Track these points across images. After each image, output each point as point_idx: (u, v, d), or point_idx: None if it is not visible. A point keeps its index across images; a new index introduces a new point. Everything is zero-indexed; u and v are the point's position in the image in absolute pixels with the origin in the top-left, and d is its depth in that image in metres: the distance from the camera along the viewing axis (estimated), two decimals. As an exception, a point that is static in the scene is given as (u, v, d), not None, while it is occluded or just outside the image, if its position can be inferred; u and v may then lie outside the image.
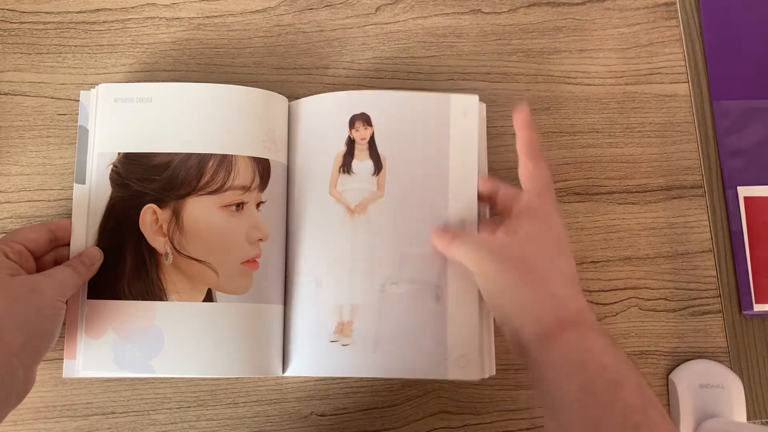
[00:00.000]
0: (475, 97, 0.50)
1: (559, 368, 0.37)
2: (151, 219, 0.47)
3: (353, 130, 0.50)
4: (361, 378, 0.51)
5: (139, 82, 0.53)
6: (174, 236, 0.47)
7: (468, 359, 0.46)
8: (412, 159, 0.49)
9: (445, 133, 0.49)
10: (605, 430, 0.34)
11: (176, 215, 0.47)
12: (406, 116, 0.50)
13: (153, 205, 0.47)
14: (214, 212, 0.47)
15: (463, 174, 0.49)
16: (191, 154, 0.48)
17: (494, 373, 0.47)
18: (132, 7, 0.55)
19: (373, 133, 0.49)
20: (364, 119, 0.50)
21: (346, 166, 0.49)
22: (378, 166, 0.49)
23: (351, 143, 0.49)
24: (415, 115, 0.50)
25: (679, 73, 0.57)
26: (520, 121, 0.46)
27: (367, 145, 0.49)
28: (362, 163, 0.49)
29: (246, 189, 0.47)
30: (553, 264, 0.41)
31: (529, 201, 0.43)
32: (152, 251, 0.47)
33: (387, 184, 0.49)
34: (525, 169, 0.45)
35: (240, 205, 0.47)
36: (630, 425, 0.34)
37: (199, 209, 0.47)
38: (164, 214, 0.47)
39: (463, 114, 0.50)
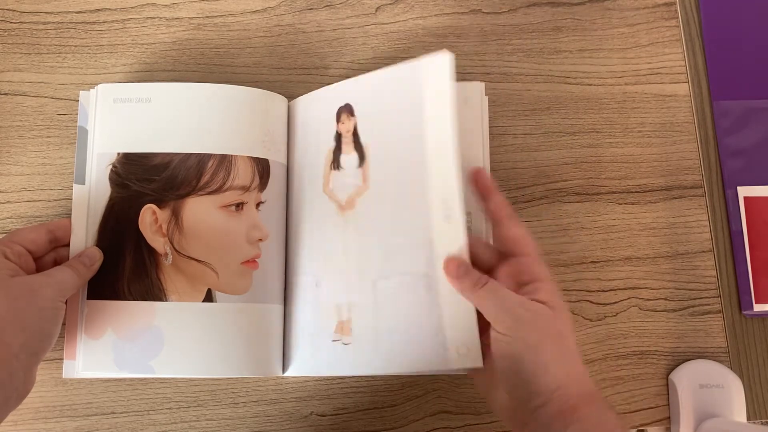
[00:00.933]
0: (447, 57, 0.44)
1: None
2: (150, 219, 0.47)
3: (339, 124, 0.49)
4: (361, 378, 0.51)
5: (139, 82, 0.53)
6: (173, 236, 0.47)
7: (468, 347, 0.42)
8: (389, 142, 0.46)
9: (417, 106, 0.45)
10: None
11: (176, 215, 0.47)
12: (381, 97, 0.47)
13: (152, 206, 0.47)
14: (214, 212, 0.47)
15: (441, 149, 0.44)
16: (190, 154, 0.48)
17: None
18: (132, 7, 0.55)
19: (356, 124, 0.48)
20: (348, 110, 0.49)
21: (336, 161, 0.48)
22: (362, 158, 0.48)
23: (339, 137, 0.49)
24: (389, 94, 0.47)
25: (679, 73, 0.57)
26: (484, 185, 0.44)
27: (351, 137, 0.48)
28: (348, 156, 0.48)
29: (245, 189, 0.47)
30: (574, 342, 0.41)
31: (542, 272, 0.42)
32: (152, 251, 0.47)
33: (370, 174, 0.47)
34: (512, 233, 0.43)
35: (240, 205, 0.47)
36: None
37: (198, 209, 0.47)
38: (164, 215, 0.47)
39: (435, 78, 0.45)
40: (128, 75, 0.54)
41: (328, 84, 0.55)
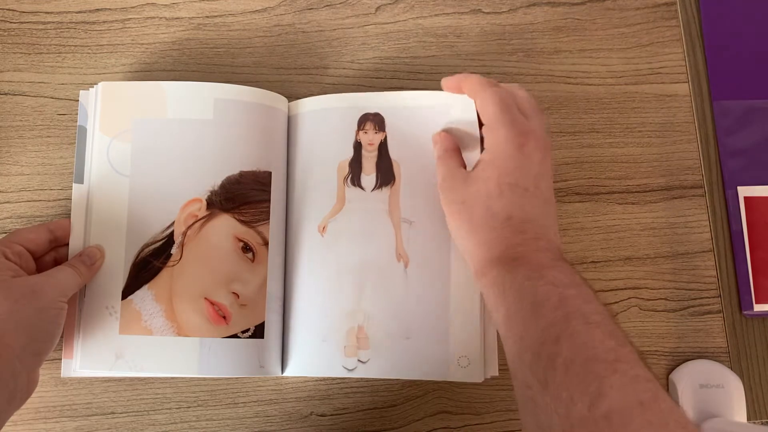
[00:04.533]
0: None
1: (489, 302, 0.41)
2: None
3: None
4: (361, 378, 0.51)
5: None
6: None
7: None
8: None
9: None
10: (528, 347, 0.36)
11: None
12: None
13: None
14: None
15: None
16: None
17: (497, 373, 0.47)
18: (132, 7, 0.55)
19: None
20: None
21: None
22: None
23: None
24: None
25: (679, 73, 0.57)
26: (451, 82, 0.47)
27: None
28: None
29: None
30: (487, 208, 0.41)
31: (485, 138, 0.44)
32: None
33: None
34: (476, 106, 0.45)
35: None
36: (551, 339, 0.35)
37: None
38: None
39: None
40: (128, 75, 0.54)
41: (329, 84, 0.55)
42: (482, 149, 0.45)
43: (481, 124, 0.45)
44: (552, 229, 0.42)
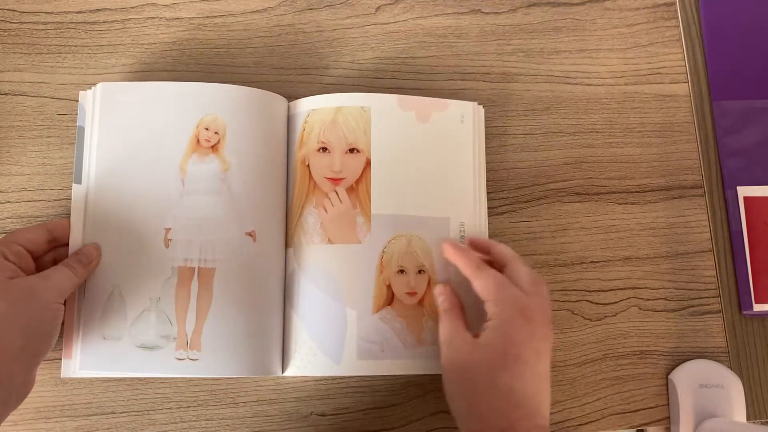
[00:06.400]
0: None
1: None
2: None
3: None
4: (362, 378, 0.51)
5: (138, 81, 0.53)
6: None
7: None
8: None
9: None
10: None
11: None
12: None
13: None
14: None
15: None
16: None
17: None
18: (132, 7, 0.55)
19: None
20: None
21: None
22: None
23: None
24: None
25: (679, 73, 0.57)
26: (451, 254, 0.48)
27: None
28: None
29: None
30: (491, 378, 0.41)
31: (488, 311, 0.44)
32: None
33: None
34: (475, 286, 0.45)
35: None
36: None
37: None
38: None
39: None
40: (128, 75, 0.54)
41: (329, 84, 0.55)
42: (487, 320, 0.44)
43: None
44: (545, 404, 0.42)
